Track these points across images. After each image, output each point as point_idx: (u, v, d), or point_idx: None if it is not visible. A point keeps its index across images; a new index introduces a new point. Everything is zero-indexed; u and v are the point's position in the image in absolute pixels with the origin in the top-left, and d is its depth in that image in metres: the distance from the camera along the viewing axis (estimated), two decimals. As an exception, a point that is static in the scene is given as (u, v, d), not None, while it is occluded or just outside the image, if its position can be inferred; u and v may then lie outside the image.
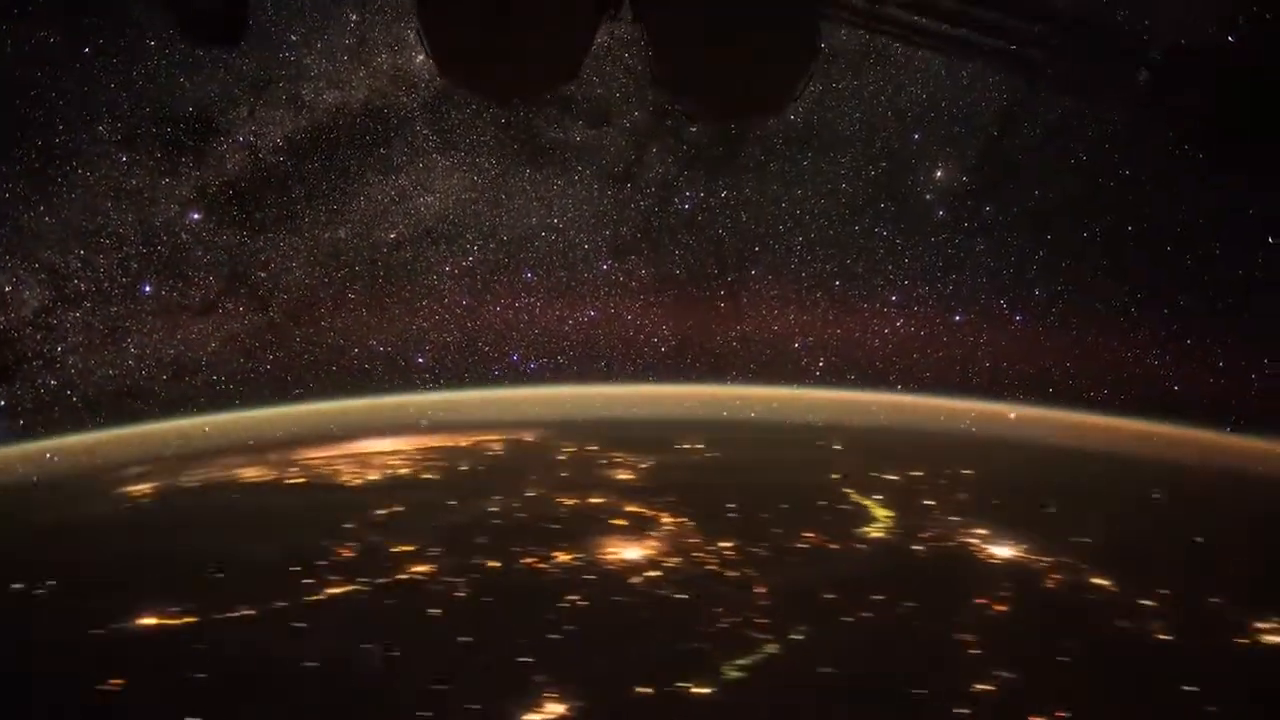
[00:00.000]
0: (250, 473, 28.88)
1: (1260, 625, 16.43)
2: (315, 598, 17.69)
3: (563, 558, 19.17)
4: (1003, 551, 20.03)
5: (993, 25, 5.31)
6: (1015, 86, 25.39)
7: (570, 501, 23.13)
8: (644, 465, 27.14)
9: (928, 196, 29.36)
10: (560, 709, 13.60)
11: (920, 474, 26.77)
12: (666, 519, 21.60)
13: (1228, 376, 28.51)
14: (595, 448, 30.03)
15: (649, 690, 14.04)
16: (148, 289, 26.97)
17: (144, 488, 27.95)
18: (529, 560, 19.09)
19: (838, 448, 31.21)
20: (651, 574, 18.43)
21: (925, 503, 23.56)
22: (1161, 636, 16.18)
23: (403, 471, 27.50)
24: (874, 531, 21.28)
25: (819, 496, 23.88)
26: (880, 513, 22.64)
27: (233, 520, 23.12)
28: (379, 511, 22.83)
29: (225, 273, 27.73)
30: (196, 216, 26.42)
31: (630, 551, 19.55)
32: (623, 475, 25.98)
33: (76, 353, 26.69)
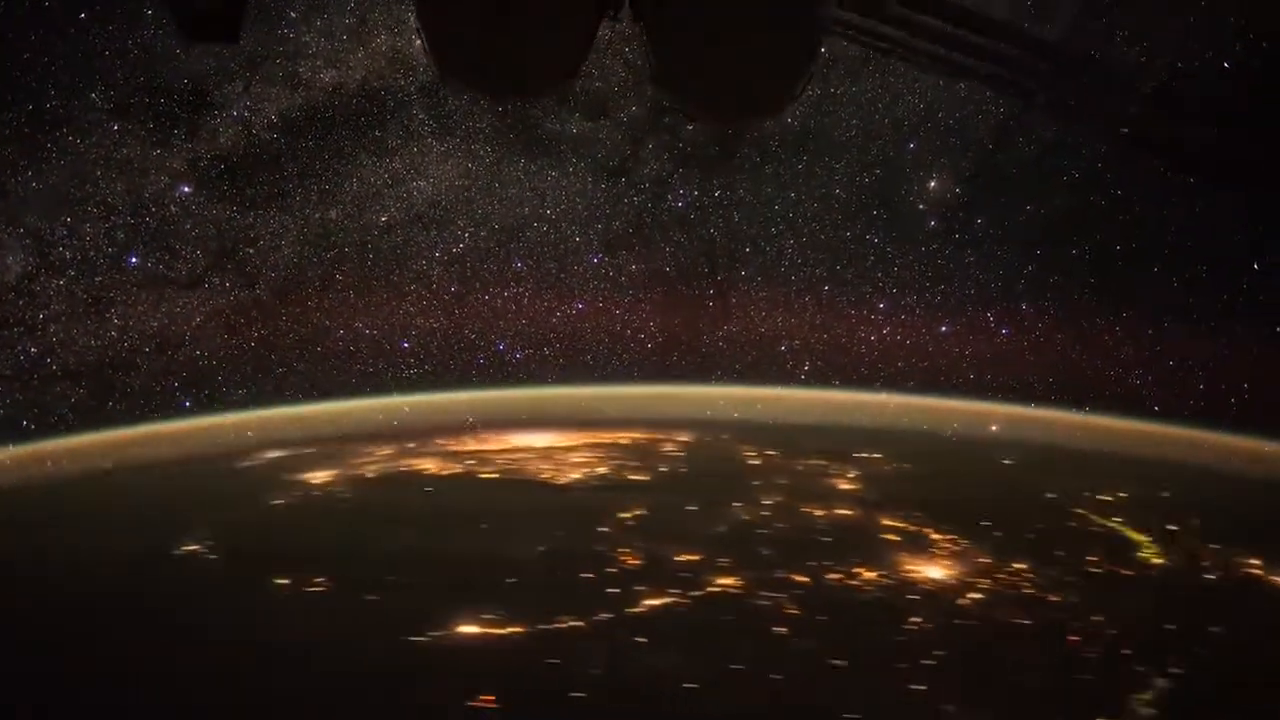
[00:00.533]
0: (427, 465, 27.75)
1: None
2: (636, 610, 16.73)
3: (867, 574, 18.36)
4: (1292, 583, 19.54)
5: (984, 50, 5.17)
6: (1012, 101, 25.48)
7: (819, 512, 22.30)
8: (852, 474, 26.36)
9: (920, 206, 29.39)
10: (997, 745, 12.85)
11: (1127, 495, 26.23)
12: (935, 535, 20.85)
13: (1207, 399, 28.85)
14: (775, 453, 29.21)
15: (1076, 727, 13.35)
16: (134, 260, 26.37)
17: (324, 476, 26.70)
18: (834, 576, 18.27)
19: (1008, 462, 30.63)
20: (973, 595, 17.69)
21: (1169, 527, 23.02)
22: None
23: (601, 470, 26.49)
24: (1151, 557, 20.70)
25: (1060, 517, 23.25)
26: (1136, 537, 22.05)
27: (467, 518, 21.99)
28: (623, 515, 21.86)
29: (213, 248, 27.17)
30: (187, 189, 25.82)
31: (932, 570, 18.79)
32: (844, 485, 25.19)
33: (58, 321, 25.96)
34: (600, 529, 20.87)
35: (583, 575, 18.11)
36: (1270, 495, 28.59)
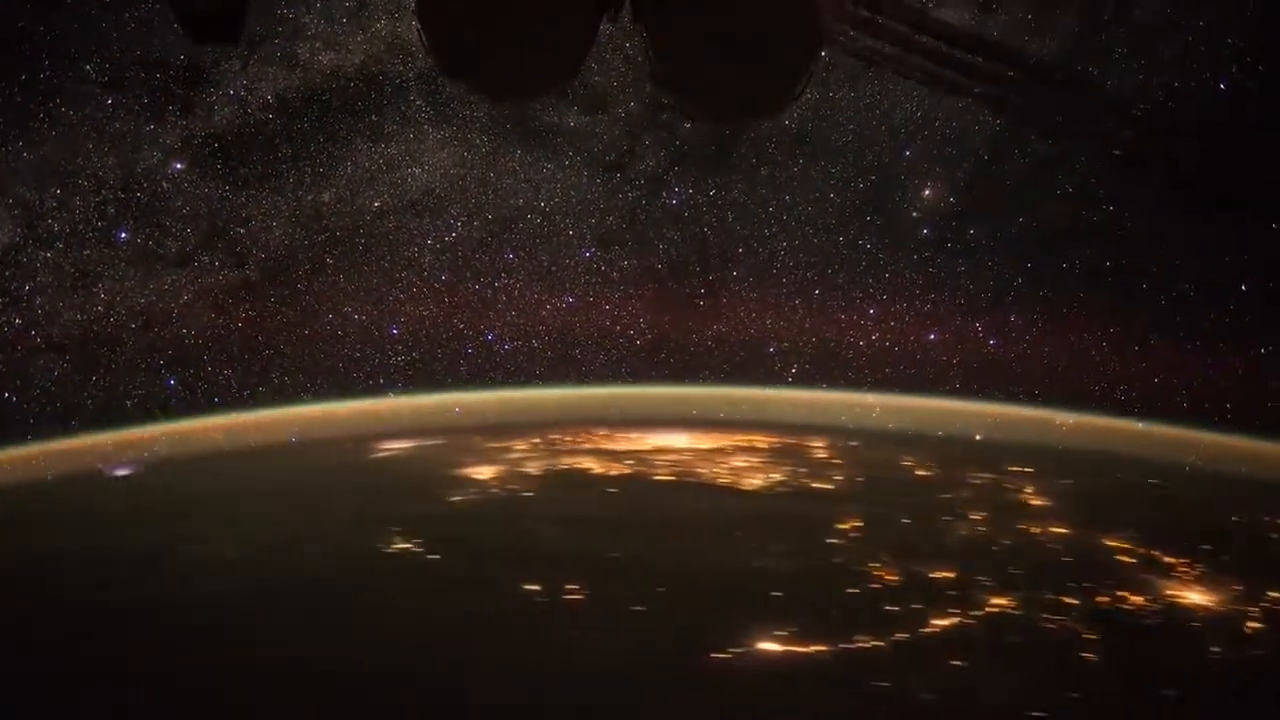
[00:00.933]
0: (588, 463, 26.95)
1: None
2: (928, 630, 16.09)
3: (1135, 599, 17.82)
4: None
5: (976, 70, 5.26)
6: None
7: (1035, 529, 21.76)
8: (1029, 489, 25.85)
9: (914, 214, 29.38)
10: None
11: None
12: (1168, 558, 20.33)
13: (1189, 419, 29.13)
14: (932, 463, 28.64)
15: None
16: (123, 235, 25.87)
17: (488, 472, 25.84)
18: (1101, 598, 17.71)
19: (1154, 481, 30.22)
20: (1252, 625, 17.19)
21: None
22: None
23: (776, 476, 25.79)
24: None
25: (1270, 543, 22.84)
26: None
27: (676, 523, 21.26)
28: (840, 526, 21.20)
29: (204, 226, 26.72)
30: (179, 166, 25.37)
31: (1193, 595, 18.28)
32: (1037, 501, 24.66)
33: (44, 293, 25.48)
34: (829, 540, 20.24)
35: (848, 590, 17.46)
36: None
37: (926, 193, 28.52)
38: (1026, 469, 28.93)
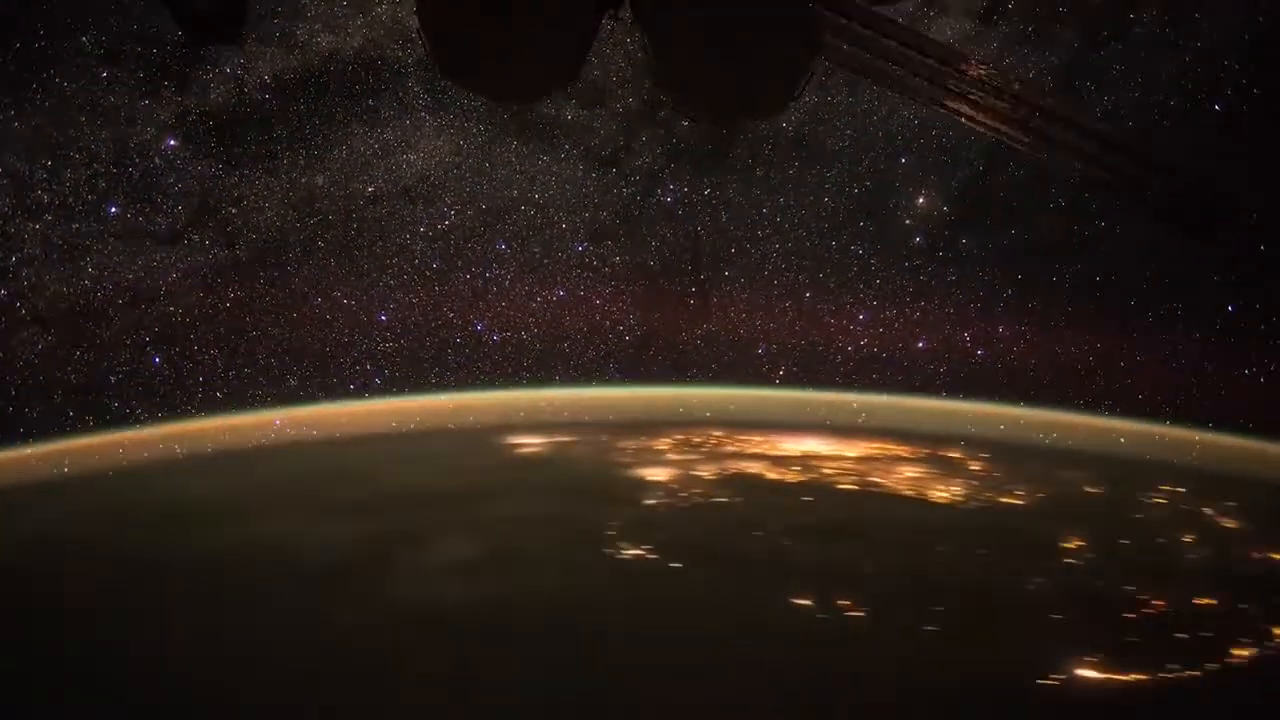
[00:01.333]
0: (754, 467, 26.31)
1: None
2: (1233, 661, 15.61)
3: None
4: None
5: (964, 93, 5.29)
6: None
7: (1257, 555, 21.36)
8: (1209, 510, 25.46)
9: (907, 221, 29.61)
10: None
11: None
12: None
13: (1174, 433, 29.30)
14: (1094, 479, 28.11)
15: None
16: (114, 210, 25.60)
17: (659, 475, 25.16)
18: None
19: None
20: None
21: None
22: None
23: (956, 489, 25.24)
24: None
25: None
26: None
27: (899, 536, 20.67)
28: (1066, 545, 20.69)
29: (195, 204, 26.53)
30: (173, 143, 25.21)
31: None
32: (1227, 523, 24.27)
33: (31, 265, 25.20)
34: (1066, 560, 19.74)
35: (1125, 615, 16.96)
36: None
37: (920, 200, 28.70)
38: (1179, 488, 28.62)
